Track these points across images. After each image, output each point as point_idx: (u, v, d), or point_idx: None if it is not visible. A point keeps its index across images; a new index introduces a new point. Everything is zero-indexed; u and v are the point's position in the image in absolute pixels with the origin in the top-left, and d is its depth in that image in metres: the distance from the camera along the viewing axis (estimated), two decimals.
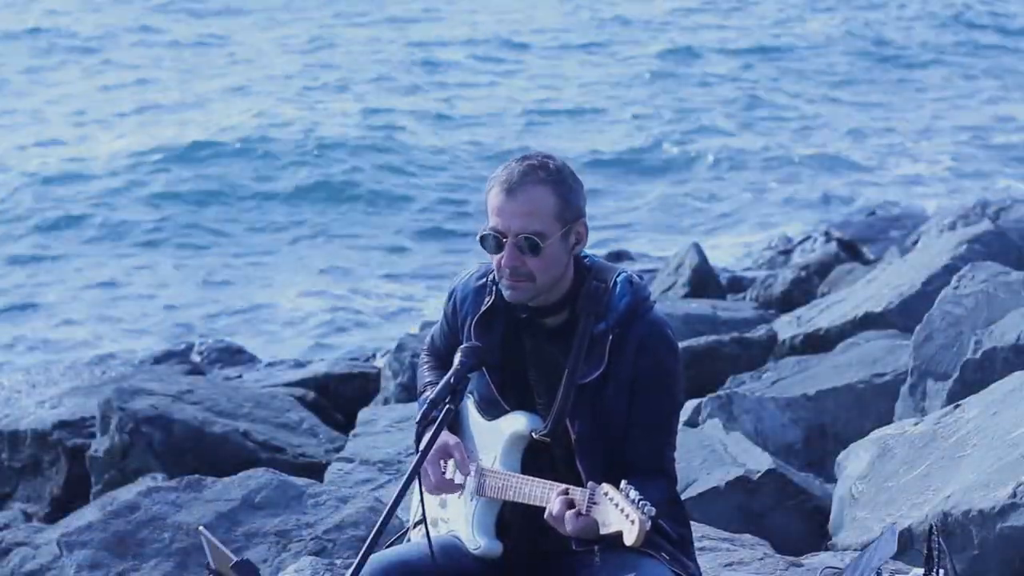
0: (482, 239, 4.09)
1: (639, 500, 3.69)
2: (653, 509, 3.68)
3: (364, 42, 27.22)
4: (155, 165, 20.26)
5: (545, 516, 3.93)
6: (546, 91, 24.07)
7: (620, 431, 4.08)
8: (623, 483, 3.76)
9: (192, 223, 18.44)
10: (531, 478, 4.07)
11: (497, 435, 4.19)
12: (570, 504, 3.88)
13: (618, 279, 4.13)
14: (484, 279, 4.24)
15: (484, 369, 4.14)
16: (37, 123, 22.70)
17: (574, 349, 4.08)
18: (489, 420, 4.23)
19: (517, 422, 4.16)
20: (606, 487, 3.80)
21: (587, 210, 4.14)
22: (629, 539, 3.69)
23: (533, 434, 4.14)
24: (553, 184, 4.03)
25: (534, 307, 4.11)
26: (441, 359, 4.43)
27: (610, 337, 4.06)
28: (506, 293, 4.11)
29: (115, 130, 22.19)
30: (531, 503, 4.03)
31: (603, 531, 3.79)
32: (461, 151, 21.04)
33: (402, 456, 7.62)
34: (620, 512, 3.72)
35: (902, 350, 8.13)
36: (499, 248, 4.05)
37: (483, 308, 4.21)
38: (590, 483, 3.89)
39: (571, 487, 3.93)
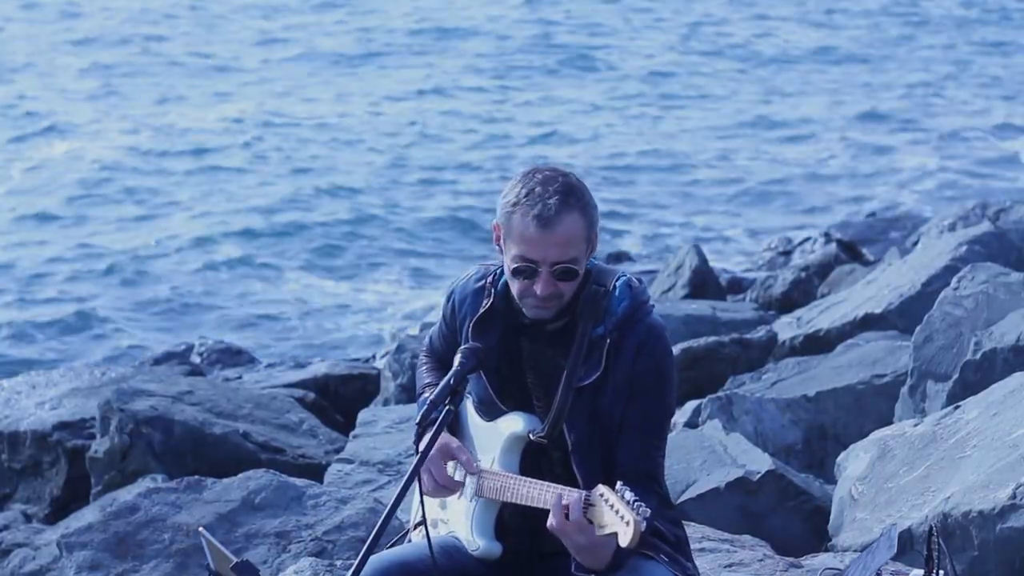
0: (514, 271, 4.03)
1: (634, 501, 3.68)
2: (648, 510, 3.67)
3: None
4: None
5: (547, 525, 3.91)
6: None
7: (617, 433, 4.08)
8: (618, 484, 3.75)
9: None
10: (529, 479, 4.07)
11: (496, 436, 4.20)
12: (566, 507, 3.88)
13: (617, 283, 4.12)
14: (483, 281, 4.23)
15: (481, 371, 4.14)
16: None
17: (572, 352, 4.07)
18: (488, 421, 4.23)
19: (515, 423, 4.16)
20: (602, 488, 3.79)
21: None
22: (624, 540, 3.68)
23: (531, 435, 4.14)
24: (581, 209, 4.01)
25: None
26: (440, 360, 4.43)
27: (608, 341, 4.06)
28: (531, 313, 4.07)
29: None
30: (528, 504, 4.03)
31: (599, 532, 3.78)
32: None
33: (402, 457, 7.62)
34: (615, 513, 3.71)
35: (902, 351, 8.12)
36: (531, 276, 4.03)
37: (481, 310, 4.21)
38: (587, 485, 3.88)
39: (568, 489, 3.93)
